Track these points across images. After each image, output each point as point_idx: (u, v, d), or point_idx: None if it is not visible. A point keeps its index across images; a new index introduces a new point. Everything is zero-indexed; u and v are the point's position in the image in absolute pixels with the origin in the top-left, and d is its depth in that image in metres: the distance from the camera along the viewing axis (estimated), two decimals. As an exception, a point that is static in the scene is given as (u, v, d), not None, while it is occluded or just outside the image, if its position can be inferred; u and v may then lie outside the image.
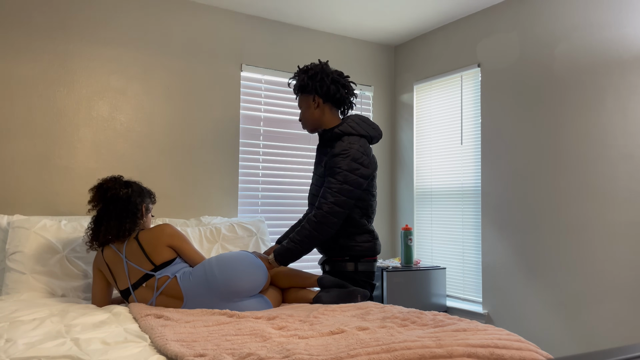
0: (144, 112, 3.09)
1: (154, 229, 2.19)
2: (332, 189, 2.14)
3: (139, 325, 1.72)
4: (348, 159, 2.15)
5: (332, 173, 2.16)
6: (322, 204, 2.14)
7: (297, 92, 2.36)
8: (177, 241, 2.18)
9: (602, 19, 2.70)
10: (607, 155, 2.65)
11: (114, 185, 2.23)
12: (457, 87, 3.59)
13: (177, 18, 3.22)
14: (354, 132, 2.24)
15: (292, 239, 2.17)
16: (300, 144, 3.68)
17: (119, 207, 2.18)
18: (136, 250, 2.13)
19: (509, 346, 1.34)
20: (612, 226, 2.61)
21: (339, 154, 2.17)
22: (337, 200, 2.13)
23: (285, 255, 2.17)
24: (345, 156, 2.16)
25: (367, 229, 2.30)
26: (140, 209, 2.24)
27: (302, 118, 2.37)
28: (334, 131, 2.26)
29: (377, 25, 3.70)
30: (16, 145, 2.74)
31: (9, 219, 2.54)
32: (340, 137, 2.25)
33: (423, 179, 3.84)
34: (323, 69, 2.30)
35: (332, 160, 2.17)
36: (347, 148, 2.17)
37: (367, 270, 2.30)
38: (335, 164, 2.16)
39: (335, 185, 2.14)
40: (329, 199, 2.13)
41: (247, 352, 1.31)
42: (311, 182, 2.43)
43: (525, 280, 3.03)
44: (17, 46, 2.76)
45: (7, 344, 1.49)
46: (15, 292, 2.30)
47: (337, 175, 2.14)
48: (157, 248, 2.13)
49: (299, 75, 2.33)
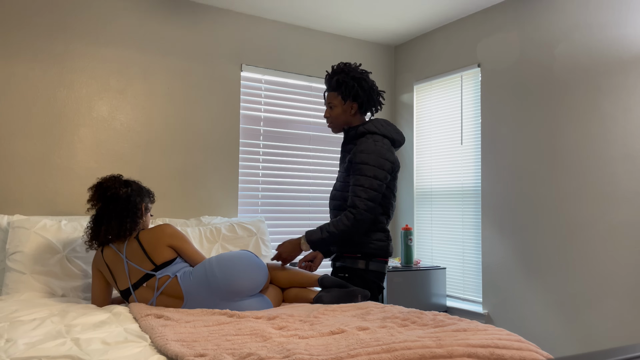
0: (144, 112, 3.09)
1: (155, 228, 2.18)
2: (364, 185, 2.17)
3: (139, 325, 1.72)
4: (374, 155, 2.19)
5: (360, 170, 2.19)
6: (357, 202, 2.17)
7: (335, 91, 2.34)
8: (177, 241, 2.18)
9: (602, 19, 2.70)
10: (607, 155, 2.65)
11: (114, 185, 2.22)
12: (457, 87, 3.59)
13: (177, 18, 3.22)
14: (377, 131, 2.28)
15: (327, 229, 2.19)
16: (300, 144, 3.68)
17: (119, 206, 2.18)
18: (137, 250, 2.13)
19: (509, 346, 1.34)
20: (612, 226, 2.61)
21: (364, 150, 2.20)
22: (370, 196, 2.18)
23: (318, 244, 2.21)
24: (370, 152, 2.20)
25: (383, 227, 2.31)
26: (140, 208, 2.23)
27: (333, 117, 2.37)
28: (358, 129, 2.30)
29: (377, 25, 3.70)
30: (16, 145, 2.74)
31: (9, 219, 2.54)
32: (364, 135, 2.29)
33: (423, 179, 3.84)
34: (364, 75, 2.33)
35: (358, 157, 2.20)
36: (371, 144, 2.21)
37: (377, 270, 2.30)
38: (362, 160, 2.19)
39: (366, 181, 2.17)
40: (362, 195, 2.17)
41: (248, 352, 1.31)
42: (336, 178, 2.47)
43: (525, 280, 3.03)
44: (17, 46, 2.76)
45: (8, 344, 1.49)
46: (15, 292, 2.30)
47: (366, 171, 2.18)
48: (157, 248, 2.12)
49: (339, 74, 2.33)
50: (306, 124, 3.72)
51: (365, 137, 2.26)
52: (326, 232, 2.20)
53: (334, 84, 2.34)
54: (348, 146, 2.37)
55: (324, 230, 2.21)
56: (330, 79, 2.36)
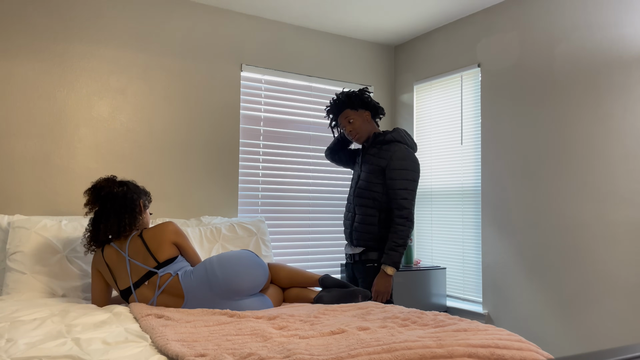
0: (144, 112, 3.09)
1: (159, 226, 2.20)
2: (408, 188, 2.43)
3: (140, 325, 1.72)
4: (410, 162, 2.46)
5: (402, 175, 2.44)
6: (405, 204, 2.42)
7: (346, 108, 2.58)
8: (181, 238, 2.20)
9: (602, 19, 2.70)
10: (607, 155, 2.65)
11: (108, 184, 2.23)
12: (457, 87, 3.59)
13: (177, 18, 3.22)
14: (403, 141, 2.54)
15: (396, 244, 2.40)
16: (300, 144, 3.68)
17: (117, 203, 2.19)
18: (140, 248, 2.13)
19: (510, 346, 1.35)
20: (612, 226, 2.61)
21: (401, 158, 2.45)
22: (413, 195, 2.45)
23: (400, 260, 2.42)
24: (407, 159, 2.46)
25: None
26: (138, 204, 2.24)
27: (357, 128, 2.59)
28: (387, 136, 2.54)
29: (377, 25, 3.70)
30: (16, 145, 2.74)
31: (9, 219, 2.54)
32: (391, 142, 2.53)
33: (423, 179, 3.84)
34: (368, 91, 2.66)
35: (398, 163, 2.45)
36: (405, 152, 2.48)
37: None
38: (403, 167, 2.44)
39: (409, 184, 2.43)
40: (409, 197, 2.43)
41: (248, 352, 1.31)
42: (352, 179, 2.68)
43: (525, 280, 3.03)
44: (17, 46, 2.76)
45: (8, 344, 1.49)
46: (15, 292, 2.30)
47: (408, 175, 2.44)
48: (162, 245, 2.14)
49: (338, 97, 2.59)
50: (306, 124, 3.72)
51: (395, 145, 2.50)
52: (399, 247, 2.40)
53: (341, 104, 2.59)
54: (372, 149, 2.57)
55: (396, 248, 2.40)
56: (335, 105, 2.60)
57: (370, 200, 2.50)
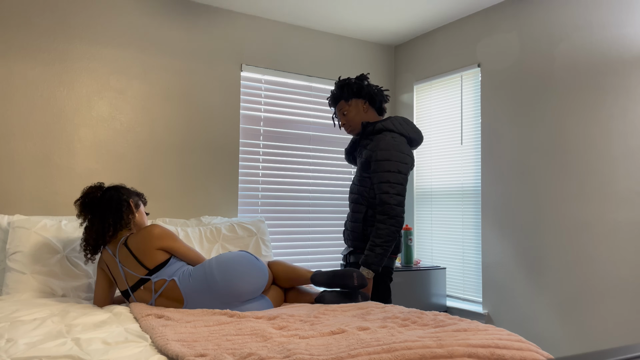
0: (144, 112, 3.09)
1: (142, 232, 2.13)
2: (389, 180, 2.20)
3: (140, 325, 1.72)
4: (394, 150, 2.23)
5: (382, 166, 2.22)
6: (385, 198, 2.19)
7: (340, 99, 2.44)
8: (167, 242, 2.12)
9: (602, 19, 2.70)
10: (607, 155, 2.65)
11: (92, 191, 2.22)
12: (457, 87, 3.59)
13: (177, 18, 3.22)
14: (394, 129, 2.33)
15: (375, 243, 2.18)
16: (300, 144, 3.68)
17: (102, 206, 2.18)
18: (127, 256, 2.10)
19: (510, 346, 1.35)
20: (613, 226, 2.61)
21: (383, 147, 2.24)
22: (398, 190, 2.21)
23: (378, 262, 2.19)
24: (389, 148, 2.24)
25: None
26: (125, 204, 2.21)
27: (349, 120, 2.44)
28: (376, 125, 2.35)
29: (377, 25, 3.70)
30: (16, 145, 2.74)
31: (9, 219, 2.54)
32: (381, 131, 2.33)
33: (423, 179, 3.84)
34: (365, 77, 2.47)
35: (379, 154, 2.24)
36: (389, 141, 2.26)
37: (388, 265, 2.35)
38: (384, 157, 2.23)
39: (391, 176, 2.20)
40: (390, 191, 2.19)
41: (248, 352, 1.31)
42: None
43: (525, 280, 3.03)
44: (17, 46, 2.75)
45: (8, 344, 1.49)
46: (15, 292, 2.30)
47: (389, 166, 2.21)
48: (147, 253, 2.07)
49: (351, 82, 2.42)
50: (306, 124, 3.72)
51: (383, 134, 2.31)
52: (376, 248, 2.18)
53: (334, 98, 2.45)
54: (364, 141, 2.41)
55: (372, 248, 2.19)
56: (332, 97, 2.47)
57: (358, 197, 2.35)
